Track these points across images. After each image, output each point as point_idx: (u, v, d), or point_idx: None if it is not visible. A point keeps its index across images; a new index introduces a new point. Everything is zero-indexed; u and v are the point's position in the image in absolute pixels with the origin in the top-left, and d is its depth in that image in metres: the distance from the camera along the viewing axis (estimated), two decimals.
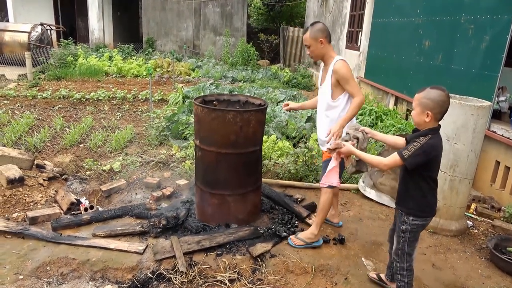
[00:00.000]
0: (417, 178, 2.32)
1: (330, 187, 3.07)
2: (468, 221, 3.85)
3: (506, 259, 3.12)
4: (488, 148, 4.34)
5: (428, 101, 2.21)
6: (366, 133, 2.60)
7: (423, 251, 3.35)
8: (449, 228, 3.61)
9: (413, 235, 2.42)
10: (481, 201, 4.25)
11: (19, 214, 3.51)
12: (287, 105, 3.57)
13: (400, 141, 2.53)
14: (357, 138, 2.57)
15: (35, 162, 4.32)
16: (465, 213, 3.88)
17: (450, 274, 3.06)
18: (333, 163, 2.68)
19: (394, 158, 2.27)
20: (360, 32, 8.73)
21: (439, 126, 2.29)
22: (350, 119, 3.01)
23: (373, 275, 2.91)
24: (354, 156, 2.56)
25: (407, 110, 6.50)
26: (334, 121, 3.08)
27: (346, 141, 2.56)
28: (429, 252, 3.34)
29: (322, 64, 3.27)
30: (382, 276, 2.87)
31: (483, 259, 3.30)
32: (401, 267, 2.49)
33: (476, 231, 3.77)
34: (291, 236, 3.24)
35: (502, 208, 4.06)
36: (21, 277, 2.75)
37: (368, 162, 2.44)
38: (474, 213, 4.06)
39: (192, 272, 2.84)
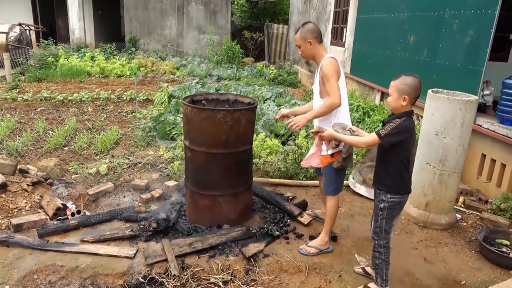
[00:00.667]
0: (394, 157, 2.48)
1: (334, 192, 3.07)
2: (457, 214, 3.89)
3: (496, 251, 3.16)
4: (474, 141, 4.39)
5: (405, 86, 2.40)
6: (353, 131, 2.69)
7: (415, 246, 3.37)
8: (439, 222, 3.64)
9: (391, 212, 2.56)
10: (468, 194, 4.31)
11: (2, 222, 3.40)
12: (281, 114, 3.36)
13: None
14: None
15: (18, 167, 4.19)
16: (454, 207, 3.92)
17: (442, 268, 3.09)
18: (313, 150, 2.87)
19: (372, 136, 2.46)
20: (345, 28, 8.75)
21: (412, 110, 2.48)
22: (317, 116, 2.99)
23: (359, 269, 2.93)
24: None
25: None
26: (324, 122, 3.03)
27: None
28: (420, 246, 3.37)
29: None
30: (368, 269, 2.90)
31: (473, 251, 3.34)
32: (379, 244, 2.61)
33: (465, 224, 3.82)
34: (301, 246, 3.16)
35: (489, 200, 4.12)
36: (7, 287, 2.66)
37: (349, 142, 2.63)
38: (463, 206, 4.12)
39: (184, 275, 2.80)
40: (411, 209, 3.80)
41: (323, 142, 2.90)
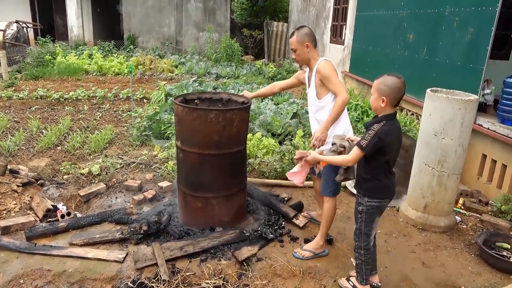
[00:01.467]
0: (373, 162, 2.41)
1: (332, 193, 3.00)
2: (456, 216, 3.81)
3: (496, 255, 3.08)
4: (475, 141, 4.30)
5: (384, 87, 2.33)
6: (352, 141, 2.62)
7: (413, 249, 3.29)
8: (438, 225, 3.56)
9: (369, 216, 2.51)
10: (468, 195, 4.22)
11: None
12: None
13: None
14: (344, 147, 2.60)
15: (8, 167, 4.10)
16: (454, 208, 3.84)
17: (441, 272, 3.00)
18: (296, 169, 2.75)
19: (355, 152, 2.39)
20: (344, 26, 8.65)
21: (395, 112, 2.41)
22: (335, 120, 2.89)
23: (354, 273, 2.81)
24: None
25: None
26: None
27: (334, 151, 2.62)
28: (418, 250, 3.28)
29: (307, 69, 3.17)
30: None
31: (472, 255, 3.26)
32: (358, 246, 2.59)
33: (465, 226, 3.73)
34: (295, 250, 3.08)
35: (490, 202, 4.04)
36: None
37: (335, 163, 2.59)
38: (462, 208, 4.03)
39: (175, 280, 2.72)
40: (410, 211, 3.71)
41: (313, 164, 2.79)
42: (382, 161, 2.39)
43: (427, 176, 3.53)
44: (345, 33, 8.62)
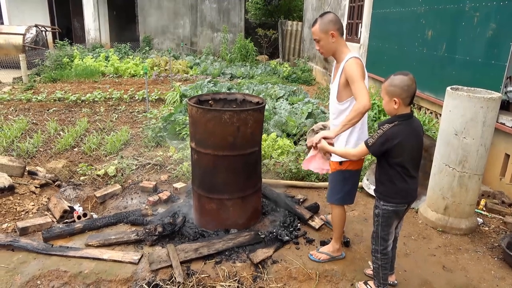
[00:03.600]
0: (384, 164, 2.36)
1: (338, 201, 2.89)
2: (478, 218, 3.68)
3: None
4: (497, 141, 4.16)
5: (393, 88, 2.25)
6: (325, 127, 2.65)
7: (433, 252, 3.19)
8: (459, 227, 3.45)
9: (385, 220, 2.44)
10: (490, 197, 4.08)
11: (9, 225, 3.37)
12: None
13: None
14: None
15: (27, 168, 4.17)
16: (475, 210, 3.72)
17: (462, 277, 2.90)
18: (313, 152, 2.71)
19: (361, 147, 2.37)
20: (360, 24, 8.52)
21: (411, 112, 2.33)
22: (348, 126, 2.53)
23: (369, 272, 2.79)
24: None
25: None
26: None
27: (312, 129, 2.60)
28: (438, 253, 3.18)
29: (335, 62, 2.83)
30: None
31: (495, 258, 3.14)
32: (375, 249, 2.54)
33: (487, 228, 3.60)
34: (311, 252, 3.02)
35: None
36: None
37: (339, 155, 2.56)
38: (484, 209, 3.90)
39: (190, 282, 2.70)
40: (429, 213, 3.61)
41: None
42: (394, 164, 2.31)
43: (447, 177, 3.42)
44: (361, 31, 8.49)
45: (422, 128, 2.42)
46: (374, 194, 2.53)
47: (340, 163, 2.78)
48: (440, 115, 4.16)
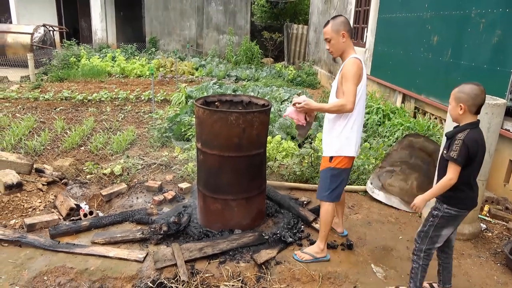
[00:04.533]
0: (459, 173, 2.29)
1: (327, 198, 2.91)
2: (481, 224, 3.69)
3: None
4: (502, 147, 4.17)
5: (461, 94, 2.29)
6: (299, 103, 2.87)
7: (435, 257, 3.19)
8: (462, 232, 3.46)
9: (443, 222, 2.42)
10: (494, 203, 4.09)
11: (16, 221, 3.42)
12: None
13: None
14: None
15: (34, 166, 4.22)
16: (478, 216, 3.73)
17: (465, 281, 2.92)
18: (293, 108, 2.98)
19: (452, 167, 2.27)
20: (366, 29, 8.55)
21: (478, 120, 2.33)
22: (320, 109, 2.88)
23: (426, 285, 2.76)
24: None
25: (415, 108, 6.33)
26: (333, 124, 2.87)
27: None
28: None
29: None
30: (435, 285, 2.74)
31: (498, 264, 3.15)
32: (419, 248, 2.51)
33: (490, 234, 3.61)
34: (296, 252, 3.06)
35: None
36: (17, 287, 2.65)
37: (437, 192, 2.37)
38: (488, 215, 3.91)
39: (194, 281, 2.73)
40: None
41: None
42: (467, 171, 2.29)
43: None
44: (366, 36, 8.52)
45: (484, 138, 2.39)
46: (437, 197, 2.43)
47: (330, 159, 2.85)
48: (445, 120, 4.17)
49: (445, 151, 2.36)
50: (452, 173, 2.27)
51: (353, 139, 2.84)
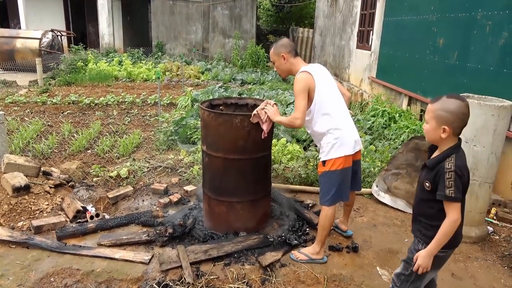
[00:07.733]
0: (441, 205, 1.94)
1: (328, 203, 2.90)
2: (488, 227, 3.66)
3: None
4: (509, 149, 4.14)
5: (446, 114, 1.84)
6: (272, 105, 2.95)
7: None
8: (469, 235, 3.43)
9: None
10: (501, 205, 4.06)
11: (24, 223, 3.45)
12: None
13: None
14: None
15: (42, 169, 4.26)
16: (485, 219, 3.70)
17: (471, 284, 2.89)
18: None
19: (452, 207, 1.87)
20: (371, 31, 8.55)
21: (460, 140, 1.93)
22: (278, 121, 2.95)
23: None
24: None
25: (421, 110, 6.30)
26: (314, 136, 3.04)
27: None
28: (448, 260, 3.16)
29: None
30: None
31: (505, 267, 3.12)
32: None
33: (497, 237, 3.58)
34: (293, 251, 3.07)
35: None
36: None
37: (441, 242, 1.93)
38: (495, 218, 3.88)
39: (199, 283, 2.74)
40: None
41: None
42: (461, 203, 1.92)
43: None
44: (372, 39, 8.52)
45: None
46: (415, 236, 2.09)
47: (324, 163, 2.87)
48: None
49: (427, 184, 1.94)
50: (456, 213, 1.87)
51: (344, 137, 2.83)
